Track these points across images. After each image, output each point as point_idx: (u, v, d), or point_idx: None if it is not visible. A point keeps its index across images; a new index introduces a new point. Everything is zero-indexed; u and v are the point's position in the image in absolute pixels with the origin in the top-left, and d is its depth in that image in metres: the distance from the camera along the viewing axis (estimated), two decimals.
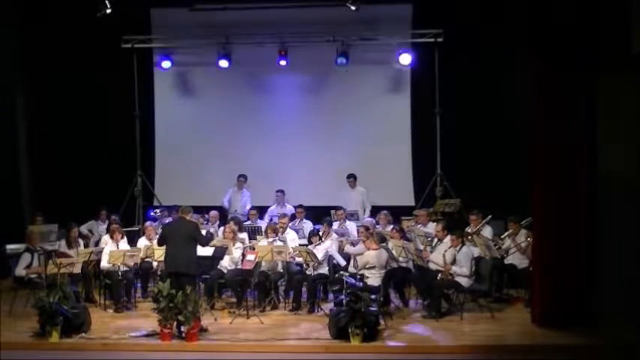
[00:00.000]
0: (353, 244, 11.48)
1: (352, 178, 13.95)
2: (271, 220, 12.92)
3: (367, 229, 11.21)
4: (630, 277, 9.30)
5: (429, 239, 11.42)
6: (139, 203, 14.47)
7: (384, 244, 10.83)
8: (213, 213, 13.05)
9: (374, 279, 10.25)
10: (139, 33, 14.41)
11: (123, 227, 12.06)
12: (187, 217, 10.22)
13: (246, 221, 12.76)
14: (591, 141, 9.66)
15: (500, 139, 13.36)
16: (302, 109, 14.86)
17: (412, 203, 14.18)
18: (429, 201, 13.70)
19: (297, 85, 14.83)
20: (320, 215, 12.67)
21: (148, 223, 12.41)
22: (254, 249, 11.10)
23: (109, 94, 14.33)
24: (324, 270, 11.06)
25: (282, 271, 11.17)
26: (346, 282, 9.63)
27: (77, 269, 10.65)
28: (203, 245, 10.27)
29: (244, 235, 11.91)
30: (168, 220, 13.03)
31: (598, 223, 9.65)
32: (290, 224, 12.40)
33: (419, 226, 12.22)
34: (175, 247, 9.83)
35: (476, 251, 10.82)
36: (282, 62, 14.23)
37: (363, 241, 10.85)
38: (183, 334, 9.33)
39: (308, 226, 12.62)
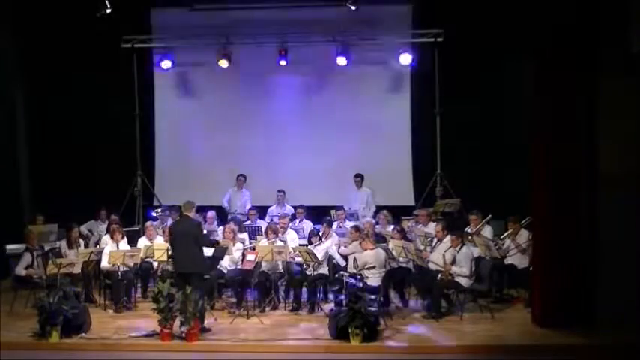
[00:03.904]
0: (346, 245, 11.43)
1: (359, 178, 13.94)
2: (271, 220, 12.92)
3: (357, 229, 11.20)
4: (630, 277, 9.31)
5: (429, 239, 11.42)
6: (139, 203, 14.46)
7: (383, 244, 10.82)
8: (210, 214, 12.89)
9: (374, 279, 10.23)
10: (139, 33, 14.41)
11: (123, 227, 12.03)
12: (191, 215, 10.17)
13: (246, 221, 12.75)
14: (591, 141, 9.66)
15: (500, 139, 13.36)
16: (302, 109, 14.85)
17: (412, 203, 14.18)
18: (429, 201, 13.71)
19: (297, 85, 14.81)
20: (320, 215, 12.67)
21: (148, 223, 12.37)
22: (254, 249, 11.11)
23: (109, 94, 14.33)
24: (324, 270, 11.05)
25: (282, 271, 11.17)
26: (346, 282, 9.63)
27: (77, 269, 10.66)
28: (203, 246, 10.24)
29: (244, 235, 11.91)
30: (169, 220, 13.05)
31: (598, 223, 9.65)
32: (290, 224, 12.39)
33: (419, 226, 12.21)
34: (182, 247, 9.84)
35: (476, 251, 10.83)
36: (282, 62, 14.23)
37: (360, 242, 10.80)
38: (183, 334, 9.33)
39: (308, 226, 12.61)
